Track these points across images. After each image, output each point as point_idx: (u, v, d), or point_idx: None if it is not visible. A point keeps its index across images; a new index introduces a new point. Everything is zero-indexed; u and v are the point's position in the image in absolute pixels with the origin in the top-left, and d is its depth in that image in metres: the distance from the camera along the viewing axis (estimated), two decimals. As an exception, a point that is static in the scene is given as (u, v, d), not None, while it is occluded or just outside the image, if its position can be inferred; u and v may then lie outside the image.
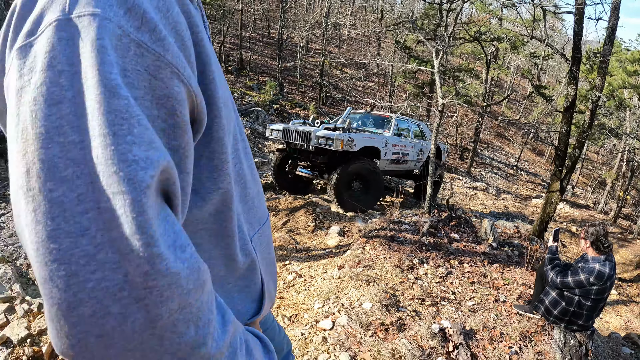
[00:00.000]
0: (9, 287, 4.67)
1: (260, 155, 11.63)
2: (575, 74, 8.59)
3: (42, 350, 3.26)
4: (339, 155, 8.26)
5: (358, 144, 8.28)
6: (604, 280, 3.51)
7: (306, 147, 8.49)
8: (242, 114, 14.05)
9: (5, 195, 6.46)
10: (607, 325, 7.28)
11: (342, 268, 4.84)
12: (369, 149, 8.81)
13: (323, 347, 3.20)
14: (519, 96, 42.65)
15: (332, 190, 8.06)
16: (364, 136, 8.72)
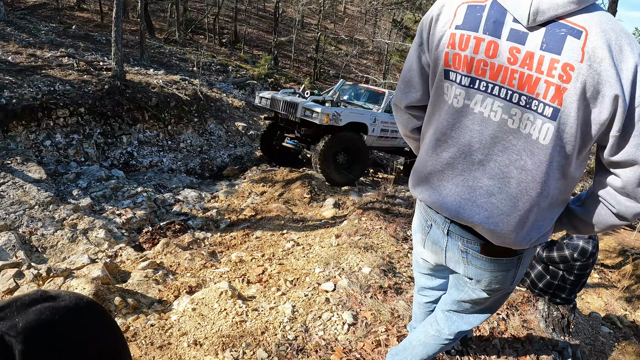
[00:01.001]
0: (14, 254, 4.75)
1: (255, 128, 11.70)
2: None
3: None
4: (324, 129, 8.20)
5: (344, 119, 8.25)
6: (587, 257, 3.68)
7: (292, 118, 8.45)
8: (238, 87, 14.06)
9: (4, 165, 6.48)
10: (588, 305, 7.57)
11: (340, 237, 5.01)
12: (355, 124, 8.74)
13: (326, 306, 3.38)
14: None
15: (316, 161, 8.08)
16: (351, 111, 8.68)
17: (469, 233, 1.67)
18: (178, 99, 10.59)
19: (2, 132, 7.67)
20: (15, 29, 12.32)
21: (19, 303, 0.62)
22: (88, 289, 3.42)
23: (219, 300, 3.38)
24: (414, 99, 1.73)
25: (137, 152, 9.35)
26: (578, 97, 1.28)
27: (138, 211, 6.43)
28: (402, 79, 1.74)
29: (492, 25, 1.38)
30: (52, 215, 5.73)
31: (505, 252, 1.66)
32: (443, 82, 1.54)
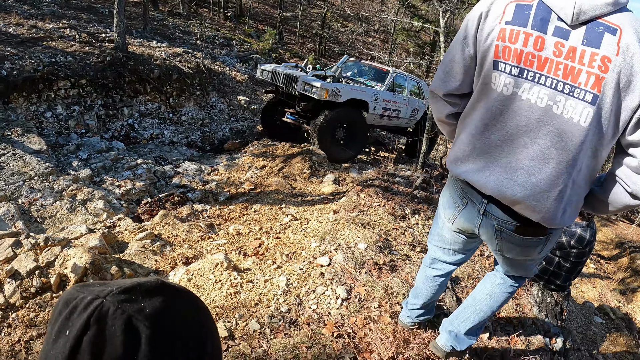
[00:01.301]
0: (12, 224, 4.77)
1: (257, 102, 11.63)
2: None
3: (51, 282, 3.35)
4: (323, 104, 8.15)
5: (344, 95, 8.20)
6: (584, 245, 3.66)
7: (292, 92, 8.38)
8: (241, 61, 13.94)
9: (5, 136, 6.47)
10: (582, 294, 7.61)
11: (338, 212, 5.01)
12: (356, 101, 8.69)
13: (320, 280, 3.39)
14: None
15: (315, 135, 8.04)
16: (352, 88, 8.60)
17: (505, 214, 1.88)
18: (180, 71, 10.51)
19: (3, 104, 7.64)
20: (17, 0, 12.21)
21: (143, 288, 0.64)
22: (85, 258, 3.44)
23: (215, 271, 3.40)
24: (453, 87, 1.91)
25: (138, 124, 9.32)
26: (614, 85, 1.51)
27: (137, 183, 6.44)
28: (443, 69, 1.91)
29: (539, 22, 1.60)
30: (51, 186, 5.74)
31: (536, 232, 1.89)
32: (492, 72, 1.73)
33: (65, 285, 3.34)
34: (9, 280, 3.27)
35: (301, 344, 2.63)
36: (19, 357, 2.69)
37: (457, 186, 2.06)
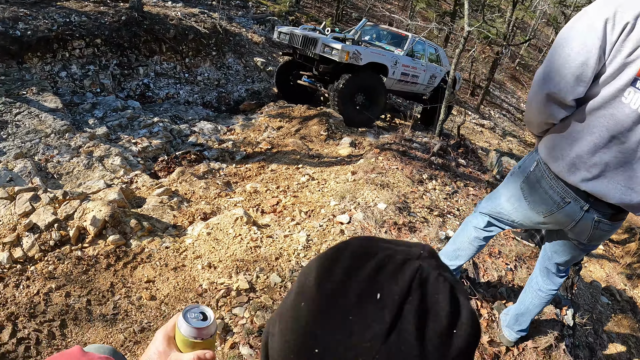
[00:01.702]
0: (29, 180, 4.78)
1: (273, 64, 11.48)
2: None
3: (69, 234, 3.32)
4: (343, 67, 7.97)
5: (365, 58, 7.99)
6: None
7: (311, 54, 8.22)
8: (258, 22, 13.72)
9: (20, 95, 6.44)
10: (590, 274, 7.58)
11: (356, 173, 4.97)
12: (376, 65, 8.50)
13: (340, 237, 3.37)
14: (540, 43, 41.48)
15: (334, 99, 7.93)
16: (372, 51, 8.40)
17: (606, 207, 1.96)
18: (196, 32, 10.37)
19: (17, 64, 7.59)
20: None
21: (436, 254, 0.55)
22: (104, 211, 3.43)
23: (234, 225, 3.38)
24: (580, 93, 1.82)
25: (154, 84, 9.26)
26: None
27: (154, 140, 6.42)
28: (572, 72, 1.78)
29: None
30: (68, 143, 5.73)
31: (623, 217, 2.05)
32: (627, 87, 1.71)
33: (84, 238, 3.32)
34: (27, 234, 3.27)
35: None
36: (38, 309, 2.69)
37: (558, 187, 2.05)
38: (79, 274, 2.93)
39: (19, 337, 2.47)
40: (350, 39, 8.18)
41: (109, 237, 3.27)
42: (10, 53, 7.57)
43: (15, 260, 3.08)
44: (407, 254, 0.53)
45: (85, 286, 2.83)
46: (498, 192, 2.45)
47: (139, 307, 2.66)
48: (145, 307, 2.66)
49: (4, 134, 5.71)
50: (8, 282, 2.84)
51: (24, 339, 2.47)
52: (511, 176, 2.32)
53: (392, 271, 0.51)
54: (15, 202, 3.69)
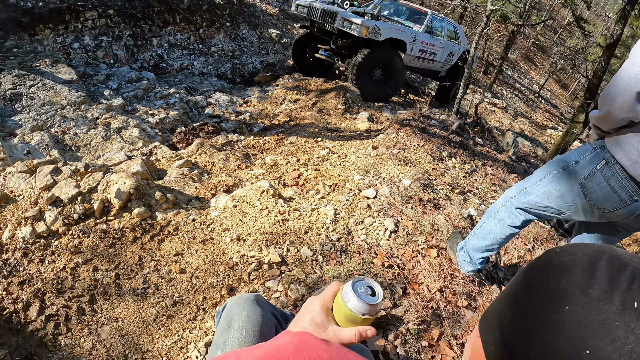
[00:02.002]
0: (47, 152, 4.72)
1: (288, 36, 11.34)
2: (627, 13, 8.29)
3: (94, 207, 3.26)
4: (362, 42, 7.92)
5: (384, 33, 7.92)
6: None
7: (330, 28, 8.13)
8: (271, -7, 13.54)
9: (33, 67, 6.36)
10: None
11: (377, 148, 4.92)
12: (394, 41, 8.43)
13: (368, 212, 3.34)
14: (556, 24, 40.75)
15: (352, 73, 7.85)
16: (392, 27, 8.31)
17: None
18: (210, 2, 10.23)
19: (29, 36, 7.51)
20: None
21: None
22: (129, 184, 3.40)
23: (260, 198, 3.35)
24: None
25: (167, 55, 9.17)
26: None
27: (171, 112, 6.37)
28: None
29: None
30: (84, 114, 5.68)
31: None
32: None
33: (109, 211, 3.28)
34: (50, 208, 3.21)
35: (354, 272, 2.61)
36: (65, 284, 2.65)
37: (628, 187, 2.06)
38: (105, 247, 2.90)
39: (48, 313, 2.44)
40: (369, 13, 8.06)
41: (134, 210, 3.24)
42: (22, 25, 7.52)
43: (38, 234, 3.02)
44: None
45: (112, 260, 2.81)
46: (543, 187, 2.37)
47: (169, 281, 2.64)
48: (175, 280, 2.64)
49: (18, 106, 5.66)
50: (32, 258, 2.81)
51: (52, 316, 2.44)
52: (564, 171, 2.24)
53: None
54: (35, 175, 3.63)
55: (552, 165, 2.33)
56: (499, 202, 2.68)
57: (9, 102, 5.67)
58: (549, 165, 2.36)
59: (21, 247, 2.90)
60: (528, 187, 2.44)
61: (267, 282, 2.56)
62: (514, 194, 2.54)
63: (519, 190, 2.51)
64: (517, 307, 0.59)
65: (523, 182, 2.53)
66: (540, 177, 2.37)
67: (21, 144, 4.83)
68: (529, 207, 2.46)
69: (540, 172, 2.39)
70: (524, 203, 2.47)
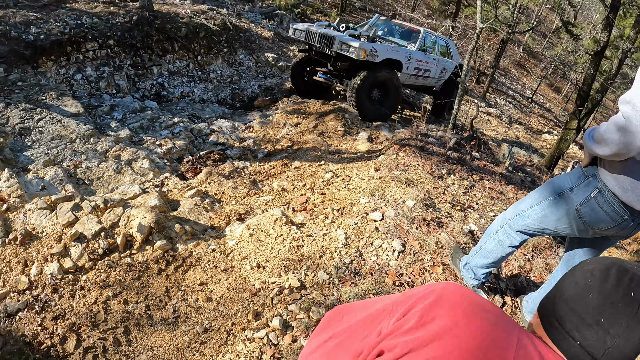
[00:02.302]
0: (62, 187, 4.87)
1: (284, 59, 11.61)
2: (611, 21, 8.59)
3: (117, 242, 3.40)
4: (359, 64, 8.16)
5: (381, 55, 8.18)
6: None
7: (328, 51, 8.37)
8: (266, 17, 13.83)
9: (39, 100, 6.54)
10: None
11: (379, 170, 5.13)
12: (391, 61, 8.68)
13: (376, 234, 3.55)
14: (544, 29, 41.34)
15: (352, 96, 8.07)
16: (388, 48, 8.58)
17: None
18: (207, 29, 10.50)
19: (32, 69, 7.68)
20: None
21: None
22: (149, 218, 3.59)
23: (274, 226, 3.56)
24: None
25: (168, 83, 9.40)
26: None
27: (177, 141, 6.58)
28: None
29: None
30: (94, 147, 5.86)
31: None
32: None
33: (132, 245, 3.46)
34: (75, 244, 3.35)
35: (368, 291, 2.81)
36: (99, 318, 2.78)
37: (620, 209, 2.29)
38: (132, 280, 3.08)
39: (85, 346, 2.58)
40: (365, 35, 8.32)
41: (156, 243, 3.43)
42: (25, 58, 7.68)
43: (66, 270, 3.16)
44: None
45: (140, 292, 2.99)
46: (541, 211, 2.58)
47: (197, 309, 2.83)
48: (203, 308, 2.84)
49: (28, 140, 5.82)
50: (63, 293, 2.94)
51: (90, 348, 2.58)
52: (559, 197, 2.46)
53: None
54: (56, 212, 3.78)
55: (547, 190, 2.54)
56: (496, 223, 2.88)
57: (19, 137, 5.83)
58: (543, 189, 2.57)
59: (50, 283, 3.05)
60: (525, 212, 2.65)
61: (289, 305, 2.76)
62: (511, 217, 2.74)
63: (516, 214, 2.71)
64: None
65: (519, 203, 2.73)
66: (536, 202, 2.58)
67: (36, 179, 4.97)
68: (527, 229, 2.68)
69: (536, 196, 2.60)
70: (522, 226, 2.68)
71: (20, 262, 3.22)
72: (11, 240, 3.42)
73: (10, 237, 3.43)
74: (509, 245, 2.79)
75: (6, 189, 4.47)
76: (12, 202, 4.19)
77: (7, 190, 4.42)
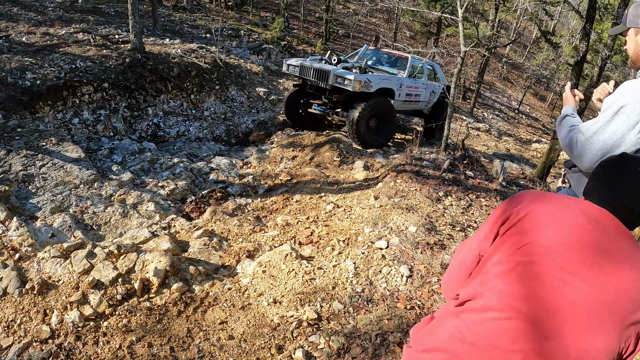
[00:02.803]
0: (71, 234, 4.95)
1: (275, 93, 11.86)
2: (588, 31, 8.91)
3: (135, 287, 3.52)
4: (354, 95, 8.42)
5: (374, 85, 8.44)
6: None
7: (323, 85, 8.61)
8: (254, 52, 14.12)
9: (40, 147, 6.65)
10: None
11: (379, 198, 5.30)
12: (384, 90, 8.95)
13: (384, 262, 3.71)
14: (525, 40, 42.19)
15: (353, 128, 8.29)
16: (381, 77, 8.86)
17: None
18: (198, 67, 10.74)
19: (30, 114, 7.81)
20: (22, 8, 12.33)
21: None
22: (164, 262, 3.72)
23: (285, 261, 3.71)
24: None
25: (164, 123, 9.58)
26: None
27: (179, 182, 6.72)
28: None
29: None
30: (98, 192, 5.97)
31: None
32: None
33: (149, 289, 3.57)
34: (93, 291, 3.46)
35: (383, 317, 2.96)
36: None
37: None
38: (153, 323, 3.20)
39: None
40: (357, 66, 8.61)
41: (172, 286, 3.56)
42: (23, 104, 7.81)
43: (86, 317, 3.25)
44: None
45: (163, 335, 3.11)
46: None
47: (220, 348, 2.96)
48: (226, 346, 2.97)
49: (32, 187, 5.91)
50: (87, 340, 3.04)
51: None
52: None
53: None
54: (71, 260, 3.89)
55: None
56: None
57: (23, 184, 5.92)
58: None
59: (73, 331, 3.16)
60: None
61: (309, 337, 2.90)
62: None
63: None
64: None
65: None
66: None
67: (44, 227, 5.07)
68: None
69: None
70: None
71: (39, 311, 3.31)
72: (28, 289, 3.51)
73: (27, 287, 3.53)
74: None
75: (17, 237, 4.56)
76: (24, 252, 4.28)
77: (18, 239, 4.51)
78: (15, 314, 3.25)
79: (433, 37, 22.53)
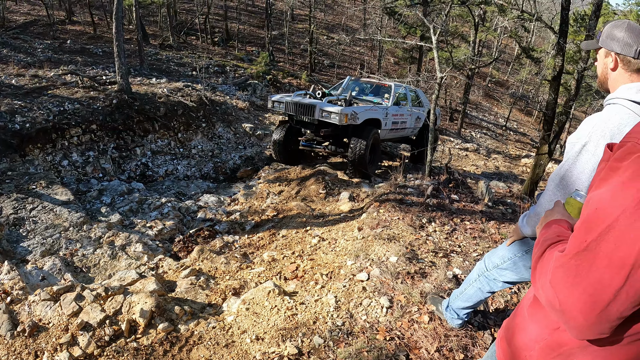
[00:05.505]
0: (61, 277, 5.06)
1: (262, 128, 12.06)
2: (562, 46, 9.15)
3: (122, 328, 3.59)
4: (341, 128, 8.62)
5: (361, 117, 8.58)
6: None
7: (310, 120, 8.74)
8: (240, 88, 14.37)
9: (30, 190, 6.74)
10: None
11: (362, 230, 5.42)
12: (370, 120, 9.09)
13: (364, 294, 3.80)
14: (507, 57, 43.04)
15: (357, 160, 8.43)
16: (366, 109, 8.99)
17: None
18: (185, 106, 10.94)
19: (20, 157, 7.97)
20: (11, 49, 12.58)
21: None
22: (149, 302, 3.81)
23: (268, 298, 3.79)
24: None
25: (152, 163, 9.71)
26: None
27: (167, 222, 6.82)
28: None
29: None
30: (88, 235, 6.07)
31: None
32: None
33: (136, 330, 3.67)
34: (82, 332, 3.54)
35: (362, 350, 3.05)
36: None
37: None
38: (141, 363, 3.28)
39: None
40: (342, 99, 8.77)
41: (159, 326, 3.64)
42: (13, 147, 7.98)
43: (76, 358, 3.34)
44: None
45: (150, 374, 3.19)
46: (513, 265, 2.79)
47: (206, 386, 3.04)
48: (212, 384, 3.04)
49: (23, 231, 6.01)
50: None
51: None
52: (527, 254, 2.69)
53: None
54: (60, 303, 3.97)
55: (517, 248, 2.78)
56: (475, 272, 3.14)
57: (13, 227, 6.03)
58: (515, 246, 2.81)
59: (62, 374, 3.24)
60: (500, 265, 2.88)
61: (290, 372, 2.98)
62: (489, 268, 3.00)
63: (494, 266, 2.95)
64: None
65: (492, 254, 2.98)
66: (509, 257, 2.80)
67: (35, 270, 5.15)
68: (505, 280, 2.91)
69: (509, 252, 2.82)
70: (499, 276, 2.93)
71: (31, 353, 3.38)
72: (20, 332, 3.59)
73: (18, 329, 3.60)
74: (488, 292, 3.04)
75: (8, 281, 4.63)
76: (15, 295, 4.36)
77: (9, 283, 4.58)
78: (7, 355, 3.31)
79: (416, 63, 22.93)
